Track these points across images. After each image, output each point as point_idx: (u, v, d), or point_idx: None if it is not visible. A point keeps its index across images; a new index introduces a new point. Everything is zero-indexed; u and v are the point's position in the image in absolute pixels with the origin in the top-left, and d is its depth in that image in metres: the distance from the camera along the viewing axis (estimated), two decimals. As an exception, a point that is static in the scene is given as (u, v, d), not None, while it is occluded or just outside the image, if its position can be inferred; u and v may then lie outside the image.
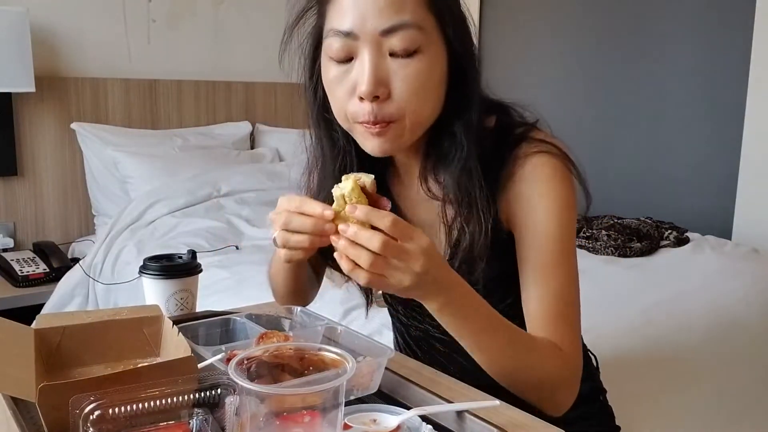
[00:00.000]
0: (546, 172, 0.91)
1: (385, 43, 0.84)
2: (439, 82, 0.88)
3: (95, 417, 0.61)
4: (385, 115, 0.85)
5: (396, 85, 0.85)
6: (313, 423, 0.64)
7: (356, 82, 0.85)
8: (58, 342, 0.85)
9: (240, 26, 3.20)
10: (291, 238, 0.82)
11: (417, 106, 0.86)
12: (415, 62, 0.84)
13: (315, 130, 0.99)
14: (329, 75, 0.89)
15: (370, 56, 0.84)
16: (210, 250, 2.25)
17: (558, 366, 0.89)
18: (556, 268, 0.91)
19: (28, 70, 2.48)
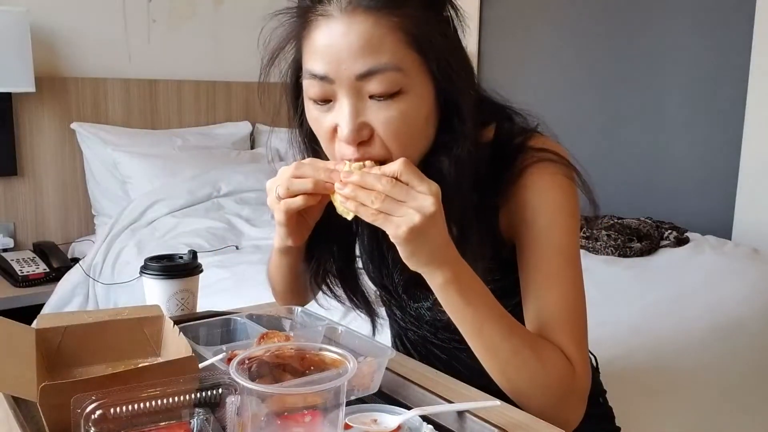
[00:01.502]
0: (546, 180, 0.88)
1: (363, 86, 0.79)
2: (426, 121, 0.84)
3: (96, 416, 0.61)
4: (371, 156, 0.81)
5: (379, 127, 0.80)
6: (314, 423, 0.64)
7: (337, 124, 0.82)
8: (59, 342, 0.85)
9: (240, 26, 3.20)
10: (295, 181, 0.82)
11: (403, 148, 0.82)
12: (398, 104, 0.80)
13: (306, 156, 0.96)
14: (311, 115, 0.86)
15: (348, 101, 0.80)
16: (210, 250, 2.25)
17: (565, 373, 0.85)
18: (558, 277, 0.88)
19: (28, 70, 2.48)
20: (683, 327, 1.66)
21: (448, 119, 0.85)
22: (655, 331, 1.62)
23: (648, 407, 1.41)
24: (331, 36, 0.79)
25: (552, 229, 0.88)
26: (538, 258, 0.89)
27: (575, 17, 3.19)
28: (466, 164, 0.85)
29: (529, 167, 0.88)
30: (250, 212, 2.66)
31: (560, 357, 0.85)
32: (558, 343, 0.86)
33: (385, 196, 0.74)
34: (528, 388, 0.84)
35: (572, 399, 0.87)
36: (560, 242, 0.88)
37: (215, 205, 2.65)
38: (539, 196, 0.88)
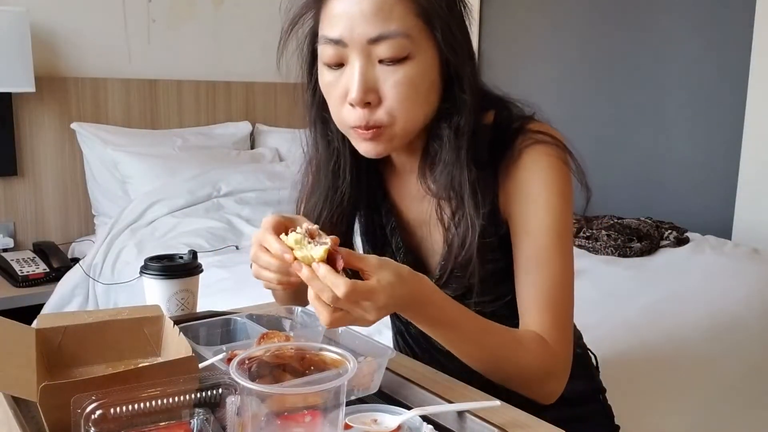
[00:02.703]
0: (542, 161, 0.92)
1: (373, 51, 0.85)
2: (430, 88, 0.89)
3: (96, 416, 0.61)
4: (376, 121, 0.87)
5: (385, 91, 0.86)
6: (314, 423, 0.64)
7: (348, 88, 0.86)
8: (59, 342, 0.85)
9: (240, 26, 3.20)
10: (261, 273, 0.84)
11: (407, 112, 0.87)
12: (404, 69, 0.85)
13: (312, 130, 1.00)
14: (324, 80, 0.91)
15: (359, 64, 0.85)
16: (210, 250, 2.25)
17: (543, 359, 0.89)
18: (549, 257, 0.91)
19: (28, 70, 2.48)
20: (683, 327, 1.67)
21: (450, 89, 0.90)
22: (654, 331, 1.62)
23: (647, 406, 1.41)
24: (346, 3, 0.85)
25: (545, 208, 0.91)
26: (530, 235, 0.92)
27: (575, 17, 3.19)
28: (465, 133, 0.90)
29: (527, 148, 0.92)
30: (250, 212, 2.66)
31: (537, 344, 0.89)
32: (540, 321, 0.91)
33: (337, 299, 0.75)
34: (509, 379, 0.90)
35: (551, 378, 0.92)
36: (552, 221, 0.91)
37: (215, 205, 2.65)
38: (535, 175, 0.92)
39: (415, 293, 0.81)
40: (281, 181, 2.82)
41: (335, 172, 0.99)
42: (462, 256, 0.92)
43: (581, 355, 1.11)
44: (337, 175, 0.99)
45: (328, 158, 0.99)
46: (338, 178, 0.99)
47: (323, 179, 1.00)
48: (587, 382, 1.10)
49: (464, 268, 0.93)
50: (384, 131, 0.88)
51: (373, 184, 1.06)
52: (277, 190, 2.77)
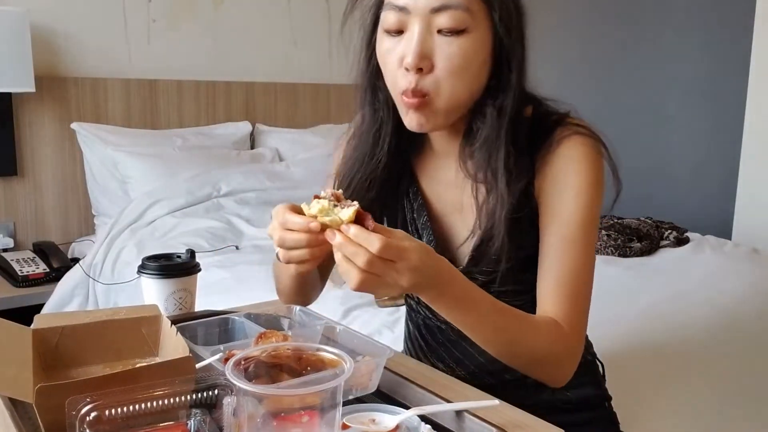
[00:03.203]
0: (579, 151, 0.95)
1: (434, 20, 0.88)
2: (481, 65, 0.92)
3: (92, 418, 0.61)
4: (423, 87, 0.90)
5: (439, 60, 0.89)
6: (312, 423, 0.64)
7: (404, 54, 0.90)
8: (56, 342, 0.84)
9: (240, 26, 3.20)
10: (291, 254, 0.83)
11: (454, 84, 0.90)
12: (460, 41, 0.88)
13: (361, 97, 1.04)
14: (382, 46, 0.94)
15: (418, 31, 0.89)
16: (210, 250, 2.25)
17: (557, 345, 0.92)
18: (574, 243, 0.94)
19: (27, 70, 2.48)
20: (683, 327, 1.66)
21: (499, 71, 0.94)
22: (654, 331, 1.62)
23: (647, 406, 1.41)
24: None
25: (577, 197, 0.94)
26: (558, 221, 0.95)
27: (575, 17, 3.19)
28: (507, 114, 0.94)
29: (566, 138, 0.96)
30: (250, 212, 2.65)
31: (552, 329, 0.92)
32: (557, 305, 0.93)
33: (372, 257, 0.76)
34: (523, 362, 0.93)
35: (563, 363, 0.95)
36: (582, 210, 0.94)
37: (215, 205, 2.65)
38: (571, 164, 0.95)
39: (441, 269, 0.83)
40: (281, 181, 2.83)
41: (375, 139, 1.02)
42: (490, 231, 0.95)
43: (591, 362, 1.13)
44: (376, 142, 1.02)
45: (371, 124, 1.02)
46: (377, 145, 1.02)
47: (363, 144, 1.03)
48: (595, 388, 1.11)
49: (492, 246, 0.95)
50: (428, 102, 0.91)
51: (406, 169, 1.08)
52: (277, 190, 2.77)
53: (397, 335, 1.55)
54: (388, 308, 1.71)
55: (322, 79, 3.44)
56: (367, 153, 1.03)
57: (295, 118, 3.37)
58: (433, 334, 1.12)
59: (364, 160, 1.03)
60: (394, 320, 1.64)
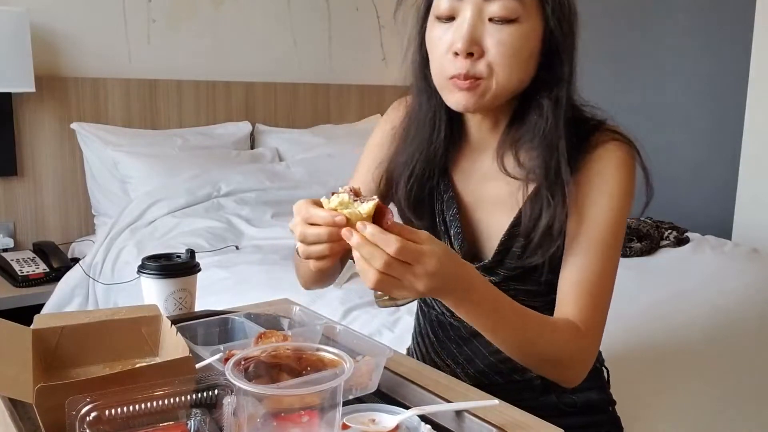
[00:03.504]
0: (616, 157, 0.97)
1: (486, 8, 0.89)
2: (530, 55, 0.93)
3: (91, 418, 0.60)
4: (475, 72, 0.91)
5: (489, 47, 0.90)
6: (311, 423, 0.64)
7: (454, 40, 0.91)
8: (56, 342, 0.84)
9: (240, 26, 3.20)
10: (311, 249, 0.82)
11: (505, 70, 0.91)
12: (510, 30, 0.89)
13: (415, 85, 1.04)
14: (433, 32, 0.95)
15: (470, 17, 0.90)
16: (210, 250, 2.25)
17: (574, 345, 0.93)
18: (601, 246, 0.95)
19: (27, 70, 2.48)
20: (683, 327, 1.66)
21: (549, 63, 0.94)
22: (654, 331, 1.62)
23: (647, 406, 1.41)
24: None
25: (609, 201, 0.96)
26: (589, 223, 0.96)
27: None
28: (563, 105, 0.95)
29: (604, 143, 0.97)
30: (249, 212, 2.65)
31: (569, 330, 0.93)
32: (577, 305, 0.94)
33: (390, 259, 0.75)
34: (538, 363, 0.94)
35: (578, 364, 0.96)
36: (612, 214, 0.96)
37: (215, 205, 2.65)
38: (607, 169, 0.97)
39: (460, 275, 0.82)
40: (281, 181, 2.82)
41: (432, 125, 1.02)
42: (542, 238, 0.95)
43: (598, 369, 1.14)
44: (433, 127, 1.02)
45: (427, 111, 1.02)
46: (434, 131, 1.02)
47: (419, 132, 1.03)
48: (599, 392, 1.12)
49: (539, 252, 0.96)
50: (480, 84, 0.91)
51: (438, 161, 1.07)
52: (277, 190, 2.77)
53: (397, 335, 1.55)
54: (388, 308, 1.71)
55: (322, 79, 3.44)
56: (426, 139, 1.03)
57: (295, 118, 3.37)
58: (445, 331, 1.12)
59: (423, 149, 1.03)
60: (394, 320, 1.64)
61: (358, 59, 3.54)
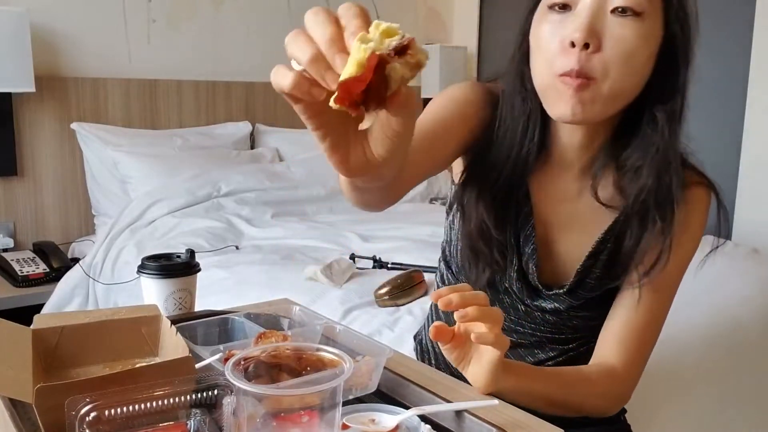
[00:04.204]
0: (705, 203, 0.95)
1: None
2: (648, 58, 0.85)
3: (91, 419, 0.60)
4: (589, 68, 0.83)
5: (608, 42, 0.82)
6: (311, 423, 0.63)
7: (568, 34, 0.83)
8: (56, 342, 0.84)
9: (240, 26, 3.20)
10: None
11: (620, 71, 0.83)
12: (633, 25, 0.82)
13: (509, 84, 0.95)
14: (543, 25, 0.87)
15: (591, 5, 0.82)
16: (210, 250, 2.25)
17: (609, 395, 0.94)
18: (662, 293, 0.94)
19: (28, 70, 2.48)
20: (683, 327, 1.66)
21: (664, 71, 0.87)
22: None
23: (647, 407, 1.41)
24: None
25: (682, 248, 0.93)
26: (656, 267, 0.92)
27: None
28: (679, 120, 0.89)
29: (695, 186, 0.94)
30: (249, 212, 2.65)
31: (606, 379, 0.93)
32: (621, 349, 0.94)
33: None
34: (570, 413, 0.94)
35: (614, 407, 0.97)
36: (682, 263, 0.95)
37: (215, 205, 2.65)
38: (695, 216, 0.94)
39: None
40: (281, 181, 2.82)
41: (524, 129, 0.94)
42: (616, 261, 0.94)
43: None
44: (525, 132, 0.94)
45: (520, 113, 0.94)
46: (525, 136, 0.94)
47: (509, 135, 0.94)
48: None
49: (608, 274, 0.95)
50: (591, 87, 0.83)
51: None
52: (277, 191, 2.77)
53: (397, 335, 1.55)
54: (388, 308, 1.71)
55: (322, 79, 3.44)
56: (516, 144, 0.94)
57: (295, 118, 3.34)
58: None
59: (511, 155, 0.95)
60: (394, 320, 1.63)
61: (358, 59, 3.54)
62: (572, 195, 0.97)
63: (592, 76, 0.83)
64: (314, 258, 2.14)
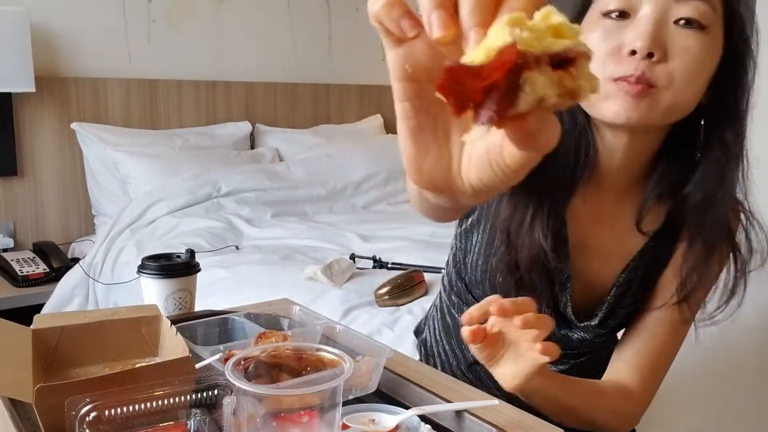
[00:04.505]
0: (735, 229, 0.91)
1: (674, 8, 0.78)
2: (710, 73, 0.81)
3: (91, 419, 0.60)
4: (651, 77, 0.78)
5: (673, 52, 0.78)
6: (311, 423, 0.63)
7: (625, 41, 0.78)
8: (56, 342, 0.84)
9: (240, 26, 3.20)
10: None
11: (686, 82, 0.79)
12: (698, 38, 0.78)
13: None
14: (594, 32, 0.81)
15: (653, 14, 0.78)
16: (210, 249, 2.25)
17: (621, 412, 0.94)
18: (682, 324, 0.94)
19: (28, 70, 2.48)
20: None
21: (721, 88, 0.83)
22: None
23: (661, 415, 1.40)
24: None
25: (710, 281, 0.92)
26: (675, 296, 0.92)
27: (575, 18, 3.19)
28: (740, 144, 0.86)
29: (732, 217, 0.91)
30: (250, 212, 2.65)
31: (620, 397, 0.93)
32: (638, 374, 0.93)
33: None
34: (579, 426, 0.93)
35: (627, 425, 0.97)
36: (706, 293, 0.93)
37: (215, 205, 2.65)
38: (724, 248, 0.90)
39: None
40: (281, 181, 2.82)
41: (576, 148, 0.87)
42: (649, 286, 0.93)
43: None
44: (576, 151, 0.87)
45: (570, 128, 0.87)
46: (577, 156, 0.87)
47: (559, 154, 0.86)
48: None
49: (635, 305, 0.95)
50: (651, 94, 0.78)
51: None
52: (277, 190, 2.77)
53: (398, 334, 1.55)
54: (388, 308, 1.71)
55: (322, 79, 3.44)
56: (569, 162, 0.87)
57: (295, 118, 3.37)
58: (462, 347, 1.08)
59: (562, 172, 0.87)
60: (394, 320, 1.63)
61: (358, 59, 3.54)
62: (606, 218, 0.92)
63: (655, 83, 0.78)
64: (314, 258, 2.14)
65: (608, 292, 0.96)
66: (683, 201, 0.88)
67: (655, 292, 0.94)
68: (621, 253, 0.94)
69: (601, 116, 0.82)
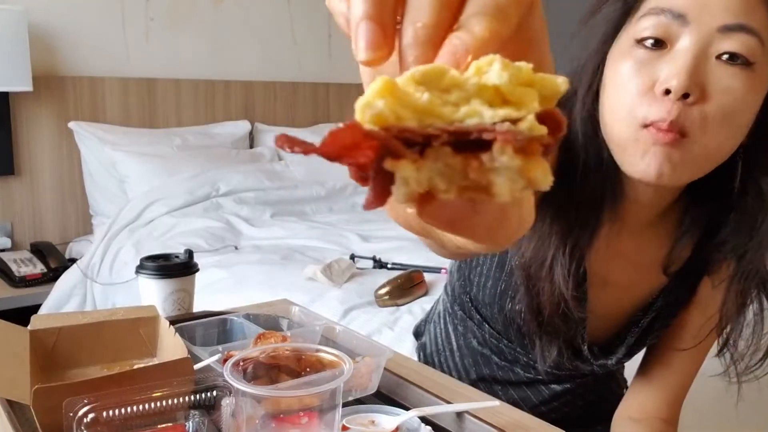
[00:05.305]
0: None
1: (717, 42, 0.68)
2: (752, 116, 0.72)
3: (89, 420, 0.60)
4: (685, 122, 0.68)
5: (713, 92, 0.68)
6: (311, 424, 0.63)
7: (660, 77, 0.69)
8: (54, 343, 0.84)
9: (239, 26, 3.19)
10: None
11: (722, 130, 0.69)
12: (743, 76, 0.68)
13: (579, 132, 0.78)
14: (626, 62, 0.72)
15: (695, 48, 0.68)
16: (209, 250, 2.24)
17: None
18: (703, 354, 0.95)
19: (25, 69, 2.47)
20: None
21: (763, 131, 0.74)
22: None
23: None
24: None
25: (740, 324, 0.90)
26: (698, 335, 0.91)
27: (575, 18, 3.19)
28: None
29: None
30: (248, 212, 2.65)
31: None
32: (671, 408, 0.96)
33: None
34: None
35: None
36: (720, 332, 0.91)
37: (214, 204, 2.65)
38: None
39: None
40: (280, 181, 2.82)
41: (603, 188, 0.79)
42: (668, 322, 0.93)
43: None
44: (605, 191, 0.79)
45: (596, 170, 0.78)
46: (606, 194, 0.80)
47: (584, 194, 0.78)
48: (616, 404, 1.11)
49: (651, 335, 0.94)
50: (683, 144, 0.69)
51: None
52: (276, 190, 2.76)
53: (397, 334, 1.54)
54: (388, 308, 1.71)
55: (321, 78, 3.44)
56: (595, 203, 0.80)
57: (295, 118, 3.37)
58: (488, 364, 1.02)
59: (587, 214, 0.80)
60: (394, 320, 1.63)
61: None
62: (627, 252, 0.87)
63: (686, 131, 0.68)
64: (314, 258, 2.13)
65: (627, 330, 0.92)
66: (716, 249, 0.84)
67: (680, 332, 0.93)
68: (641, 289, 0.90)
69: (630, 173, 0.73)
